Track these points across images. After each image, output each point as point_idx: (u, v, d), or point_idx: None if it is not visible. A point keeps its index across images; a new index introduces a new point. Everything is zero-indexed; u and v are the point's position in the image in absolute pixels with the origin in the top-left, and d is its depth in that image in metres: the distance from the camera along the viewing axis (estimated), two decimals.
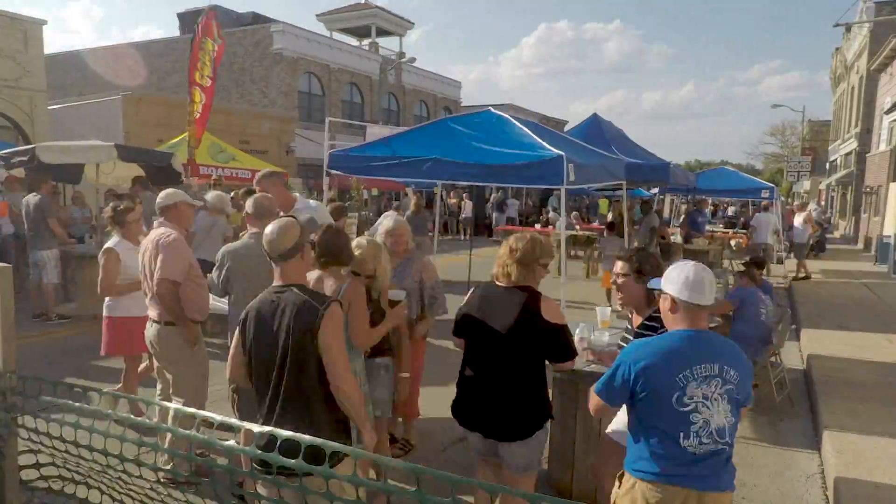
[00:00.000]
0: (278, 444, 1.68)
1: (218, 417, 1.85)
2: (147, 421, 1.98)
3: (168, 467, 2.53)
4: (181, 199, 4.01)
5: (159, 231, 3.84)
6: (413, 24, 33.71)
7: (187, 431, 1.79)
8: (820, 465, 4.46)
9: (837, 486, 3.95)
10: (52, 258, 7.82)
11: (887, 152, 21.22)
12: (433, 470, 1.52)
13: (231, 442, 1.98)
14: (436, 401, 5.52)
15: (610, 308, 4.48)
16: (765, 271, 6.91)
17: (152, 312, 3.85)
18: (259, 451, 1.71)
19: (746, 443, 4.80)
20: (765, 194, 14.21)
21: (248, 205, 3.97)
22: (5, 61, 14.86)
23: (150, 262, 3.78)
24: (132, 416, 1.83)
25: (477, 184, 12.20)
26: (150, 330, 3.87)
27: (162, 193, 4.05)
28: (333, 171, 7.38)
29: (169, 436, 2.34)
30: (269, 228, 2.44)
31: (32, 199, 7.80)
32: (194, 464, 2.40)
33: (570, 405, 3.67)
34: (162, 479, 2.04)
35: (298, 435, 1.64)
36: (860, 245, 23.41)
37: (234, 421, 1.89)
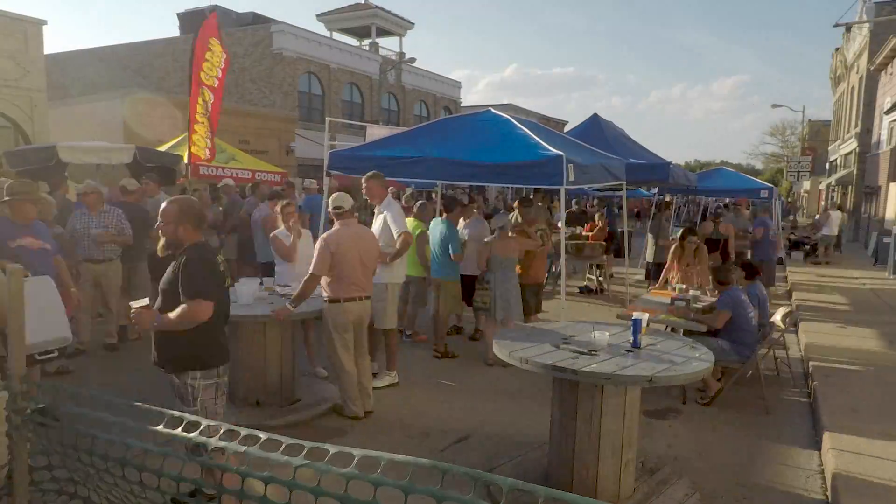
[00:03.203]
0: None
1: (189, 416, 1.86)
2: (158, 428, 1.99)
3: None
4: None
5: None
6: (413, 24, 33.71)
7: (198, 436, 1.80)
8: (820, 463, 4.47)
9: (837, 483, 3.96)
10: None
11: (887, 152, 21.24)
12: (453, 466, 1.53)
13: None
14: (433, 403, 5.55)
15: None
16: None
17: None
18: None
19: (746, 440, 4.82)
20: (764, 194, 14.23)
21: None
22: (5, 61, 14.87)
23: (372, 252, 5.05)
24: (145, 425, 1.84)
25: (477, 184, 12.23)
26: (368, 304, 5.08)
27: (338, 197, 4.97)
28: (333, 172, 7.39)
29: None
30: None
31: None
32: None
33: (570, 405, 3.69)
34: None
35: (287, 438, 1.65)
36: (861, 245, 23.42)
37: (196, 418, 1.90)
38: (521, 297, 6.59)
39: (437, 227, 6.87)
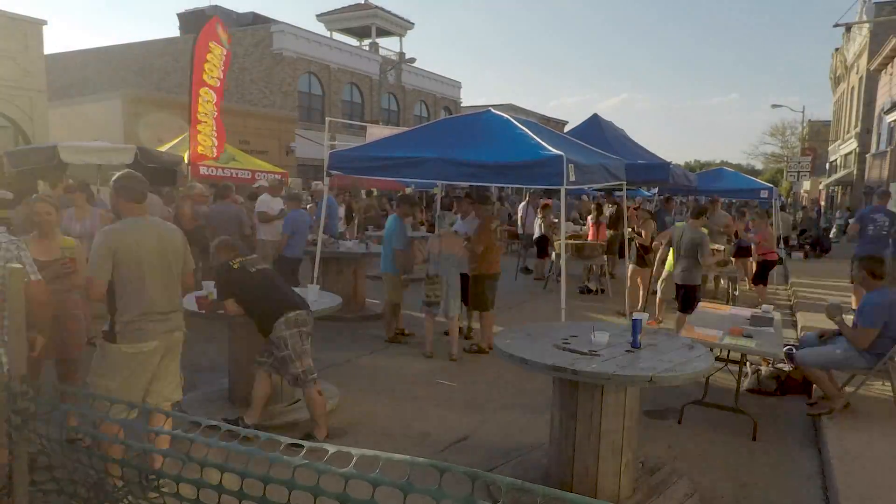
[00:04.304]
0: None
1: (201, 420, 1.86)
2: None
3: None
4: None
5: None
6: (413, 24, 33.73)
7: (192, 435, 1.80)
8: (820, 466, 4.47)
9: (837, 486, 3.96)
10: None
11: (887, 152, 21.23)
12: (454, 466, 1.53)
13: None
14: (433, 403, 5.55)
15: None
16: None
17: None
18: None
19: (746, 442, 4.81)
20: (763, 194, 14.22)
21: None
22: (5, 61, 14.87)
23: None
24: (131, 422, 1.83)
25: (476, 184, 12.23)
26: None
27: None
28: (333, 171, 7.39)
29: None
30: None
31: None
32: None
33: (570, 406, 3.69)
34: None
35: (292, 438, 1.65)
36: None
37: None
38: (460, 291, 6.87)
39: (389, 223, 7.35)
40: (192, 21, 26.91)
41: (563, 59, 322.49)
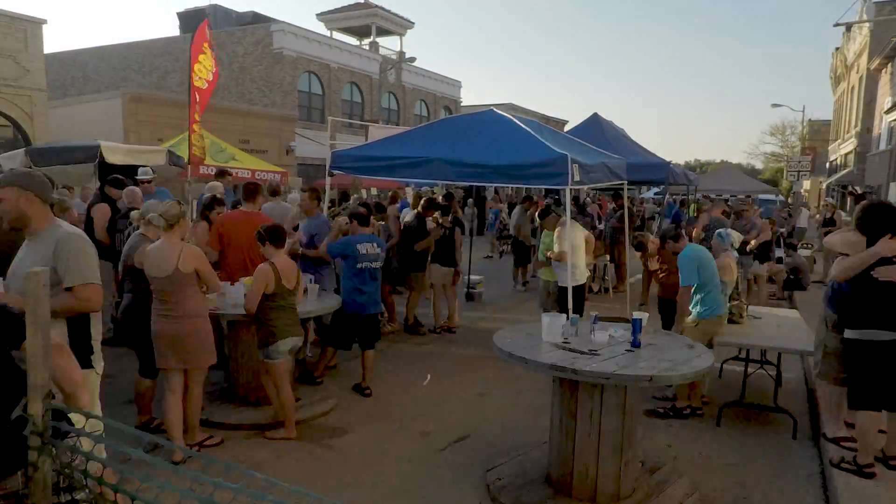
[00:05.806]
0: None
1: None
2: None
3: None
4: None
5: None
6: (413, 23, 33.68)
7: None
8: (820, 465, 4.47)
9: (837, 485, 3.96)
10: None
11: (887, 152, 21.25)
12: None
13: None
14: (433, 402, 5.55)
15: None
16: None
17: None
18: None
19: (746, 442, 4.81)
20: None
21: None
22: (5, 61, 14.87)
23: None
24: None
25: (478, 184, 12.23)
26: None
27: None
28: (335, 171, 7.38)
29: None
30: None
31: None
32: None
33: (570, 405, 3.68)
34: None
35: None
36: None
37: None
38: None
39: None
40: (192, 20, 26.85)
41: (565, 59, 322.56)
